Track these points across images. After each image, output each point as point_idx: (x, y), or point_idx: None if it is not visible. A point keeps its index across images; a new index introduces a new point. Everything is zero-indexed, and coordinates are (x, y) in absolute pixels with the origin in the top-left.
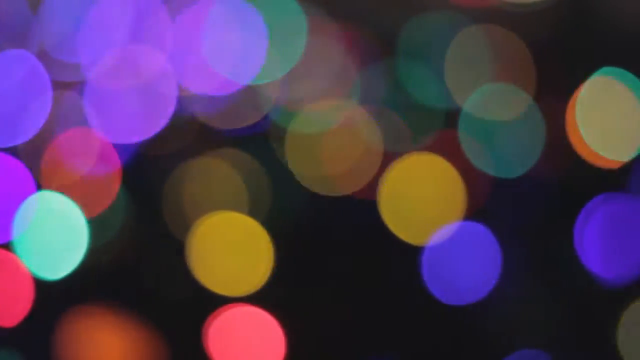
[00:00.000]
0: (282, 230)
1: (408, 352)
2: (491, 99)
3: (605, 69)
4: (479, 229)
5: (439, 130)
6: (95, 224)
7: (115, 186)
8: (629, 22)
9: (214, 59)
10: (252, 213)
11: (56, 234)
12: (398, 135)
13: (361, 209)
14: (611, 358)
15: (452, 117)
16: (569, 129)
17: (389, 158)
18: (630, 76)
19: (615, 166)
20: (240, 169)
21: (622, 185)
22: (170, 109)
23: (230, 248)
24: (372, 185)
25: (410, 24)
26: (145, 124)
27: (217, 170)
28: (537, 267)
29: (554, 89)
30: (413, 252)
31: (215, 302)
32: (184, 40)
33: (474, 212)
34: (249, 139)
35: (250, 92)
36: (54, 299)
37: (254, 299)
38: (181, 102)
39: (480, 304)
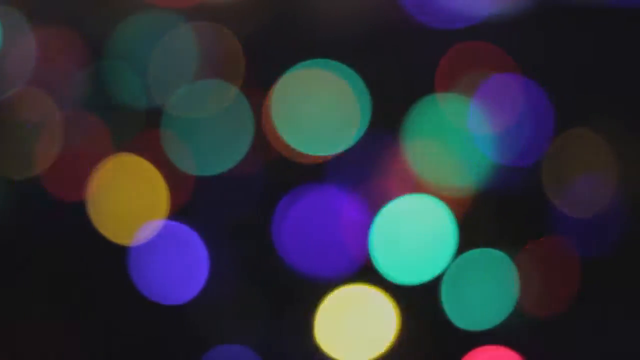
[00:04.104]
0: None
1: (120, 351)
2: (195, 96)
3: (308, 62)
4: (183, 229)
5: (142, 130)
6: None
7: None
8: (334, 17)
9: None
10: None
11: None
12: (100, 137)
13: (69, 210)
14: (314, 353)
15: (155, 116)
16: (266, 124)
17: (93, 159)
18: (339, 65)
19: (316, 161)
20: None
21: (321, 178)
22: None
23: None
24: (79, 187)
25: (116, 25)
26: None
27: None
28: (244, 264)
29: (262, 83)
30: (121, 252)
31: None
32: None
33: (177, 211)
34: None
35: None
36: None
37: None
38: None
39: (190, 303)
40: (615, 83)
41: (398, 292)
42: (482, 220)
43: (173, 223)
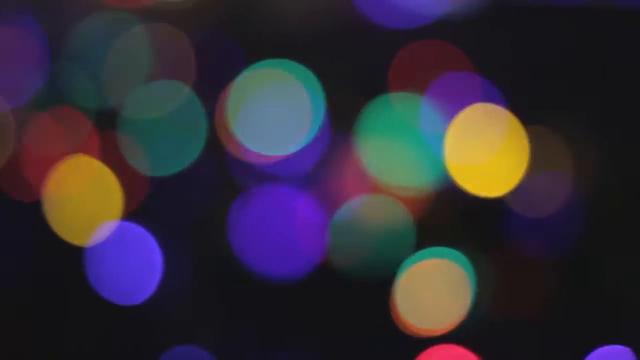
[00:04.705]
0: None
1: (75, 351)
2: (149, 97)
3: (261, 62)
4: (136, 229)
5: (97, 131)
6: None
7: None
8: (287, 17)
9: None
10: None
11: None
12: (54, 138)
13: (24, 211)
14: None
15: (109, 117)
16: (220, 124)
17: (48, 160)
18: (293, 65)
19: (271, 161)
20: None
21: (276, 178)
22: None
23: None
24: (34, 187)
25: (70, 26)
26: None
27: None
28: (199, 264)
29: (215, 84)
30: (77, 252)
31: None
32: None
33: (132, 211)
34: None
35: None
36: None
37: None
38: None
39: (145, 303)
40: (571, 82)
41: (354, 290)
42: (437, 219)
43: (127, 224)
